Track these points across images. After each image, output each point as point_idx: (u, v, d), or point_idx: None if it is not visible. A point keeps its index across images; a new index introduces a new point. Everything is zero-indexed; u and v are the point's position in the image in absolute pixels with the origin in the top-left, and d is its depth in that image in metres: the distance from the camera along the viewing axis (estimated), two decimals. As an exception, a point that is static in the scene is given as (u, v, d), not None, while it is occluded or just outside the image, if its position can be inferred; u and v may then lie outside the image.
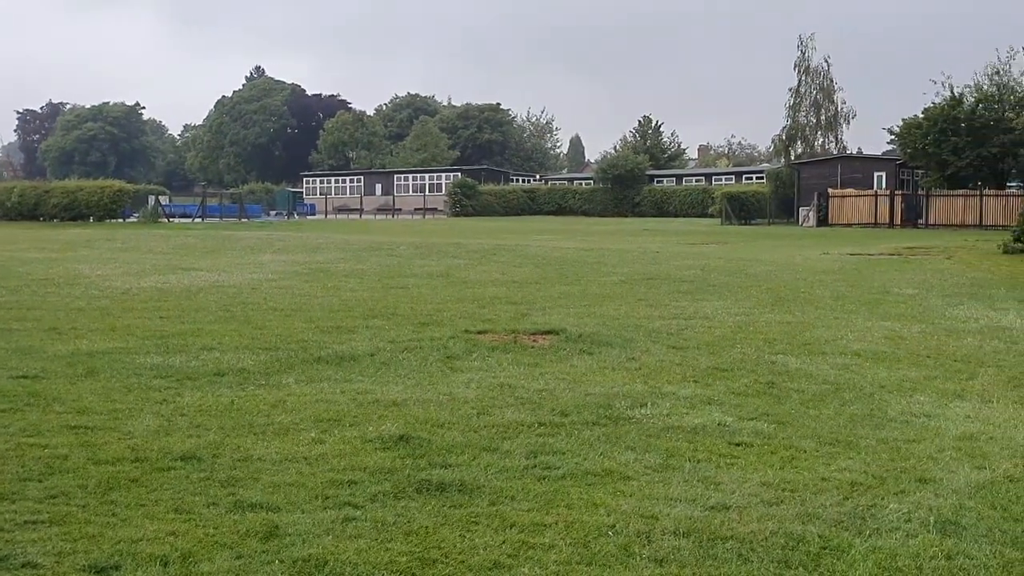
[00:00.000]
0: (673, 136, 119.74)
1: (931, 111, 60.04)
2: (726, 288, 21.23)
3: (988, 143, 58.65)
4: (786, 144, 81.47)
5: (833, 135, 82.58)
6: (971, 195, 58.07)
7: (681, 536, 6.35)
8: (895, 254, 34.02)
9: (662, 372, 11.69)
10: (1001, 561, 6.03)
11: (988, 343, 14.34)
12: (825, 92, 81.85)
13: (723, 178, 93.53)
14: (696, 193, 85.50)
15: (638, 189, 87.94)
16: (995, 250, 36.16)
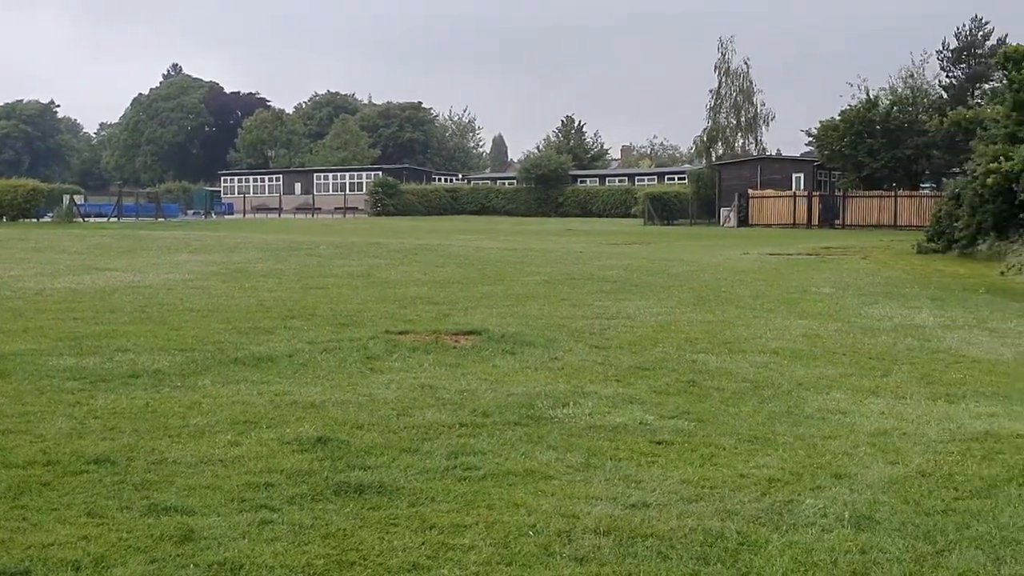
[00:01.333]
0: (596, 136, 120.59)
1: (847, 113, 61.17)
2: (648, 288, 21.38)
3: (902, 145, 59.92)
4: (707, 145, 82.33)
5: (753, 136, 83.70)
6: (886, 196, 59.22)
7: (602, 535, 6.36)
8: (813, 254, 34.57)
9: (584, 372, 11.73)
10: (913, 555, 6.13)
11: (902, 341, 14.62)
12: (745, 94, 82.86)
13: (646, 178, 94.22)
14: (619, 193, 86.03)
15: (561, 189, 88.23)
16: (909, 250, 36.96)
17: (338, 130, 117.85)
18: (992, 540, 6.38)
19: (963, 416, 9.86)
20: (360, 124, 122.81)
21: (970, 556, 6.11)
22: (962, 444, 8.75)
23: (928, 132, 56.23)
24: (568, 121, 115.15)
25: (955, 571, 5.90)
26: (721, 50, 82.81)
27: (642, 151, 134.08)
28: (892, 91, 63.74)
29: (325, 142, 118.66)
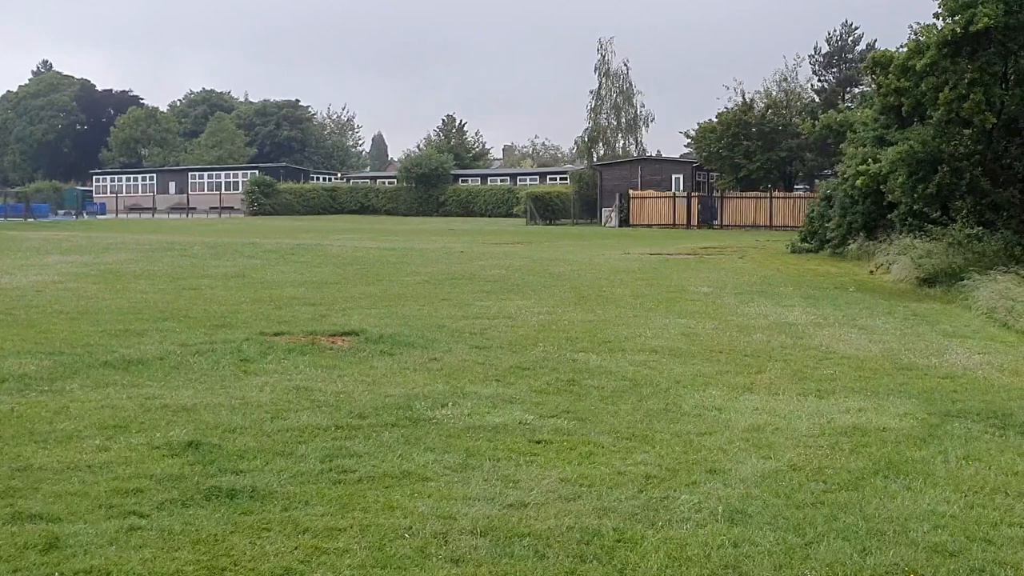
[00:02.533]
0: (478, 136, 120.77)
1: (724, 116, 62.27)
2: (530, 287, 21.45)
3: (777, 147, 61.27)
4: (588, 146, 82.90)
5: (633, 137, 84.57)
6: (762, 197, 60.44)
7: (479, 535, 6.34)
8: (692, 254, 35.11)
9: (464, 372, 11.68)
10: (784, 547, 6.24)
11: (776, 338, 14.91)
12: (625, 95, 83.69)
13: (528, 178, 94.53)
14: (501, 193, 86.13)
15: (443, 188, 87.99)
16: (784, 250, 37.79)
17: (214, 128, 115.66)
18: (858, 531, 6.53)
19: (833, 411, 10.08)
20: (236, 122, 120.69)
21: (837, 547, 6.24)
22: (831, 438, 8.95)
23: (801, 135, 57.53)
24: (449, 120, 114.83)
25: (823, 562, 6.01)
26: (601, 51, 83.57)
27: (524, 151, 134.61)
28: (767, 94, 65.20)
29: (200, 140, 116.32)
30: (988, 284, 19.83)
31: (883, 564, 6.01)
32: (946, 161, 21.98)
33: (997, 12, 20.42)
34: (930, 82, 21.64)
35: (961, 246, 26.36)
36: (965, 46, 21.24)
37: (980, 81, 20.99)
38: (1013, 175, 23.05)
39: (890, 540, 6.39)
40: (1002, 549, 6.29)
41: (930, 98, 21.82)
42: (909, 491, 7.43)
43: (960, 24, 20.89)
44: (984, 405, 10.51)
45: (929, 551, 6.22)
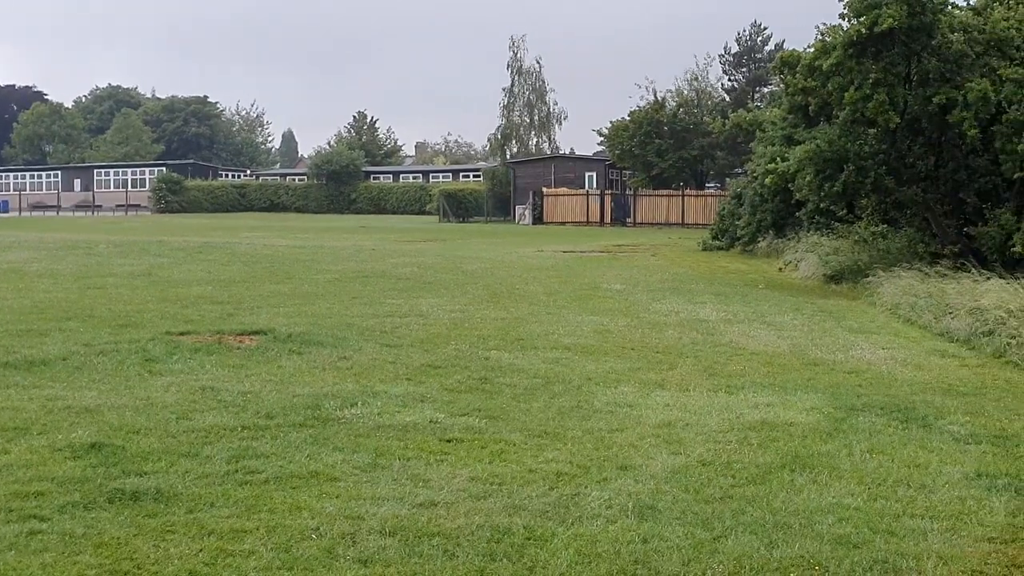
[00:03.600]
0: (390, 133, 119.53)
1: (636, 114, 62.70)
2: (442, 285, 21.36)
3: (688, 146, 61.87)
4: (501, 143, 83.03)
5: (546, 135, 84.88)
6: (674, 195, 60.98)
7: (387, 535, 6.29)
8: (605, 251, 35.29)
9: (374, 371, 11.58)
10: (692, 542, 6.28)
11: (687, 335, 15.04)
12: (538, 93, 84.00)
13: (441, 176, 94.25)
14: (414, 190, 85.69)
15: (354, 186, 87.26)
16: (695, 247, 38.21)
17: (120, 125, 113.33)
18: (765, 525, 6.60)
19: (742, 406, 10.20)
20: (143, 119, 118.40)
21: (745, 541, 6.30)
22: (740, 433, 9.05)
23: (712, 133, 58.22)
24: (360, 117, 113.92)
25: (731, 556, 6.06)
26: (513, 49, 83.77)
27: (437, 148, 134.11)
28: (678, 93, 65.86)
29: (106, 137, 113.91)
30: (892, 281, 20.24)
31: (789, 557, 6.07)
32: (851, 160, 22.34)
33: (901, 14, 20.82)
34: (836, 82, 21.97)
35: (866, 243, 26.90)
36: (870, 47, 21.63)
37: (884, 81, 21.38)
38: (916, 174, 23.53)
39: (796, 533, 6.46)
40: (904, 540, 6.40)
41: (836, 98, 22.16)
42: (815, 484, 7.53)
43: (865, 25, 21.26)
44: (888, 399, 10.71)
45: (833, 543, 6.31)
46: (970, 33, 21.99)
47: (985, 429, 9.46)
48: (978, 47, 21.95)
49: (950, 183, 23.20)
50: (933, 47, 21.71)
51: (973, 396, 11.08)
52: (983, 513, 6.96)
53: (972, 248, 22.04)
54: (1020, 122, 20.10)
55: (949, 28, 21.88)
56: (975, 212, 23.17)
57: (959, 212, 23.68)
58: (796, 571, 5.89)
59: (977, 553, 6.23)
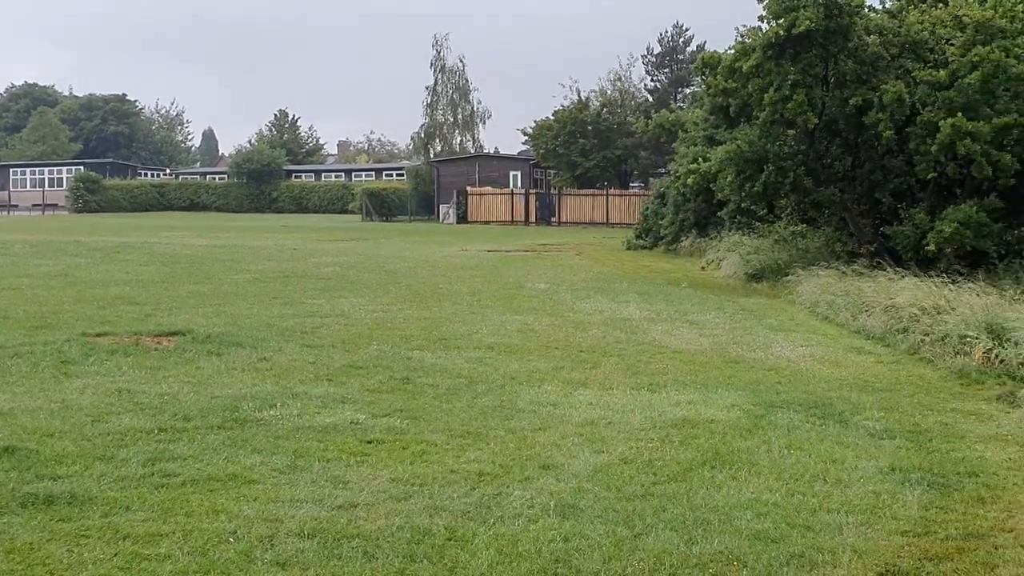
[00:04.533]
0: (312, 131, 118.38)
1: (560, 114, 62.98)
2: (365, 285, 21.22)
3: (612, 145, 62.31)
4: (425, 142, 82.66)
5: (471, 134, 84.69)
6: (599, 195, 61.32)
7: (306, 538, 6.22)
8: (529, 251, 35.36)
9: (294, 371, 11.45)
10: (613, 539, 6.30)
11: (611, 334, 15.10)
12: (461, 91, 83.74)
13: (364, 174, 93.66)
14: (336, 189, 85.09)
15: (276, 184, 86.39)
16: (620, 246, 38.46)
17: (36, 123, 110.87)
18: (686, 521, 6.64)
19: (664, 404, 10.26)
20: (60, 117, 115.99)
21: (665, 538, 6.33)
22: (662, 431, 9.10)
23: (635, 133, 58.67)
24: (282, 115, 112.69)
25: (651, 553, 6.09)
26: (436, 47, 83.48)
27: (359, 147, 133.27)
28: (602, 93, 66.26)
29: (22, 136, 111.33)
30: (811, 279, 20.53)
31: (708, 552, 6.12)
32: (771, 160, 22.61)
33: (818, 16, 21.12)
34: (756, 83, 22.21)
35: (786, 243, 27.28)
36: (788, 48, 21.90)
37: (803, 83, 21.66)
38: (833, 174, 23.88)
39: (715, 529, 6.51)
40: (820, 535, 6.48)
41: (756, 99, 22.40)
42: (734, 480, 7.61)
43: (783, 27, 21.53)
44: (806, 396, 10.86)
45: (752, 538, 6.37)
46: (885, 36, 22.37)
47: (899, 424, 9.63)
48: (893, 49, 22.34)
49: (867, 183, 23.58)
50: (850, 49, 22.05)
51: (888, 392, 11.27)
52: (897, 507, 7.08)
53: (888, 247, 22.42)
54: (933, 123, 20.49)
55: (865, 31, 22.24)
56: (890, 212, 23.59)
57: (875, 212, 24.08)
58: (715, 567, 5.93)
59: (891, 546, 6.33)
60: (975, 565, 6.07)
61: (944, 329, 13.96)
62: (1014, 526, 6.74)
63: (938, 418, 10.01)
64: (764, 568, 5.93)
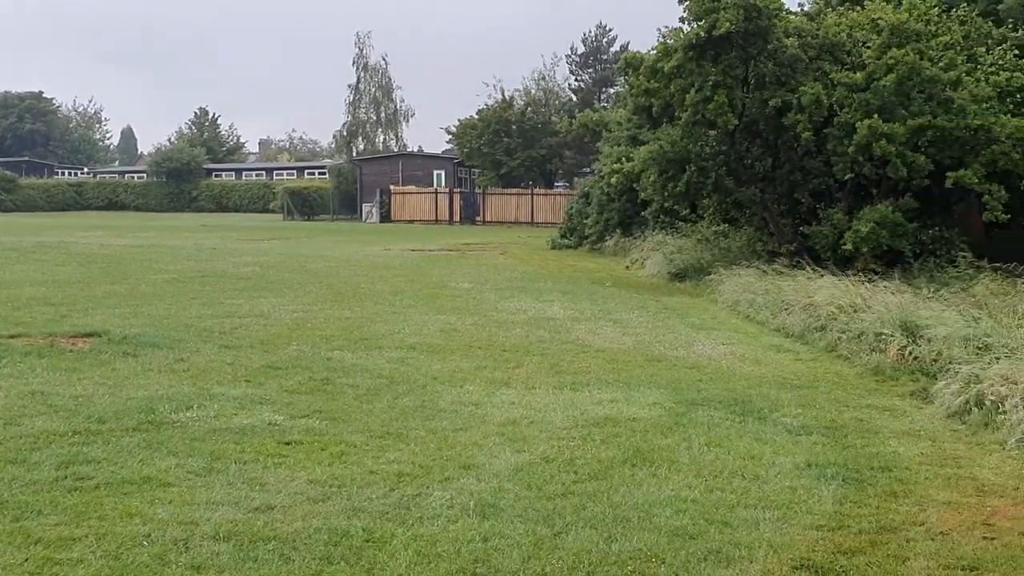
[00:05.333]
0: (232, 129, 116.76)
1: (485, 113, 62.97)
2: (285, 285, 21.00)
3: (537, 145, 62.42)
4: (347, 140, 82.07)
5: (394, 132, 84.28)
6: (523, 194, 61.39)
7: (222, 540, 6.14)
8: (453, 250, 35.28)
9: (212, 372, 11.29)
10: (533, 539, 6.29)
11: (534, 333, 15.11)
12: (384, 90, 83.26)
13: (285, 173, 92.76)
14: (257, 188, 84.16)
15: (196, 183, 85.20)
16: (544, 246, 38.53)
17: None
18: (605, 519, 6.66)
19: (586, 403, 10.29)
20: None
21: (585, 536, 6.35)
22: (584, 429, 9.12)
23: (560, 133, 58.88)
24: (202, 113, 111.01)
25: (571, 551, 6.09)
26: (359, 45, 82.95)
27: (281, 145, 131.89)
28: (526, 92, 66.38)
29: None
30: (732, 278, 20.75)
31: (627, 550, 6.14)
32: (693, 161, 22.82)
33: (737, 18, 21.35)
34: (678, 84, 22.38)
35: (709, 242, 27.55)
36: (709, 50, 22.11)
37: (723, 84, 21.87)
38: (754, 175, 24.18)
39: (635, 526, 6.54)
40: (738, 530, 6.54)
41: (678, 99, 22.57)
42: (655, 478, 7.65)
43: (704, 29, 21.73)
44: (726, 393, 10.97)
45: (671, 535, 6.41)
46: (804, 38, 22.69)
47: (816, 421, 9.77)
48: (811, 52, 22.67)
49: (786, 184, 23.91)
50: (769, 51, 22.33)
51: (806, 389, 11.43)
52: (812, 502, 7.18)
53: (807, 246, 22.73)
54: (850, 125, 20.82)
55: (784, 33, 22.53)
56: (810, 212, 23.92)
57: (795, 212, 24.41)
58: (633, 564, 5.95)
59: (806, 540, 6.41)
60: (887, 558, 6.17)
61: (860, 327, 14.18)
62: (925, 520, 6.88)
63: (854, 414, 10.17)
64: (682, 564, 5.96)
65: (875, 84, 20.98)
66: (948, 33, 22.55)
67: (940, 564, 6.09)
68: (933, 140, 20.87)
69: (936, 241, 21.49)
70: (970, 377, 10.31)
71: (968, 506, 7.21)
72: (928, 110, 20.64)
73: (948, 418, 9.93)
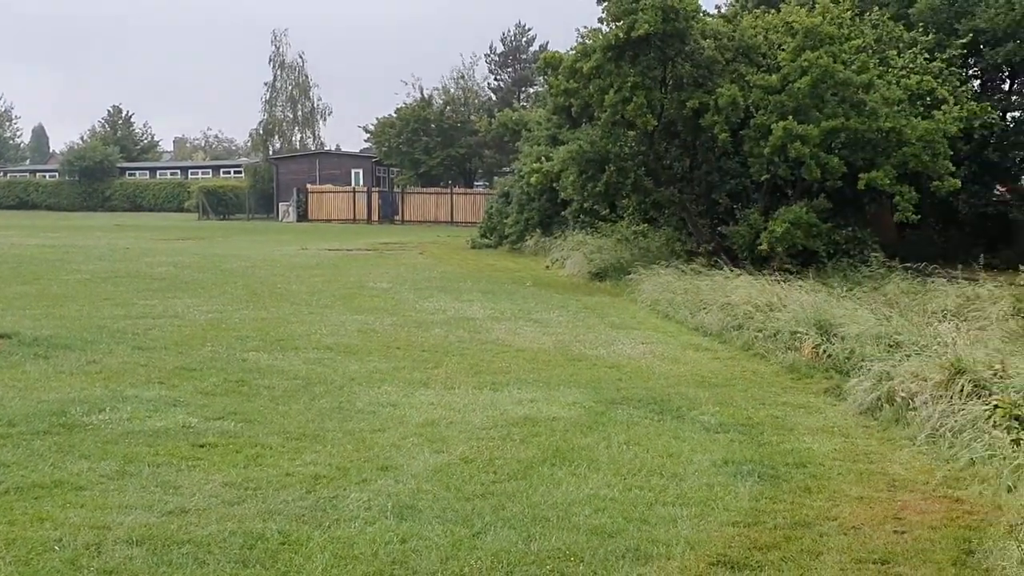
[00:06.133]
0: (146, 127, 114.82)
1: (403, 111, 62.75)
2: (200, 285, 20.70)
3: (456, 144, 62.37)
4: (264, 139, 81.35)
5: (311, 131, 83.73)
6: (443, 193, 61.32)
7: (135, 544, 6.03)
8: (372, 249, 35.09)
9: (125, 374, 11.07)
10: (451, 539, 6.26)
11: (454, 333, 15.06)
12: (301, 88, 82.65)
13: (200, 172, 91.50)
14: (172, 187, 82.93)
15: (109, 183, 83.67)
16: (464, 245, 38.49)
17: None
18: (524, 519, 6.66)
19: (506, 403, 10.28)
20: None
21: (504, 536, 6.33)
22: (503, 429, 9.11)
23: (479, 132, 58.94)
24: (115, 111, 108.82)
25: (489, 552, 6.08)
26: (275, 43, 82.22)
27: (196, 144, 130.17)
28: (445, 91, 66.29)
29: None
30: (652, 278, 20.91)
31: (546, 549, 6.14)
32: (613, 161, 22.96)
33: (655, 19, 21.51)
34: (597, 84, 22.50)
35: (629, 242, 27.75)
36: (628, 51, 22.25)
37: (642, 85, 22.03)
38: (673, 175, 24.41)
39: (554, 525, 6.54)
40: (655, 528, 6.58)
41: (597, 100, 22.69)
42: (574, 477, 7.66)
43: (622, 30, 21.86)
44: (645, 392, 11.03)
45: (589, 533, 6.42)
46: (720, 40, 22.95)
47: (733, 418, 9.87)
48: (728, 54, 22.94)
49: (704, 184, 24.17)
50: (687, 52, 22.54)
51: (723, 387, 11.55)
52: (729, 498, 7.25)
53: (725, 246, 23.02)
54: (766, 126, 21.12)
55: (701, 35, 22.76)
56: (727, 212, 24.24)
57: (713, 212, 24.70)
58: (552, 563, 5.95)
59: (722, 537, 6.47)
60: (801, 553, 6.25)
61: (776, 326, 14.38)
62: (838, 514, 6.98)
63: (770, 411, 10.30)
64: (600, 563, 5.98)
65: (790, 86, 21.31)
66: (861, 36, 22.96)
67: (852, 558, 6.19)
68: (846, 142, 21.27)
69: (849, 241, 21.90)
70: (881, 374, 10.50)
71: (879, 501, 7.33)
72: (841, 112, 21.01)
73: (860, 414, 10.11)
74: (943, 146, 21.33)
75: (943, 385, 9.49)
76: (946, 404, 9.12)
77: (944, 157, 21.29)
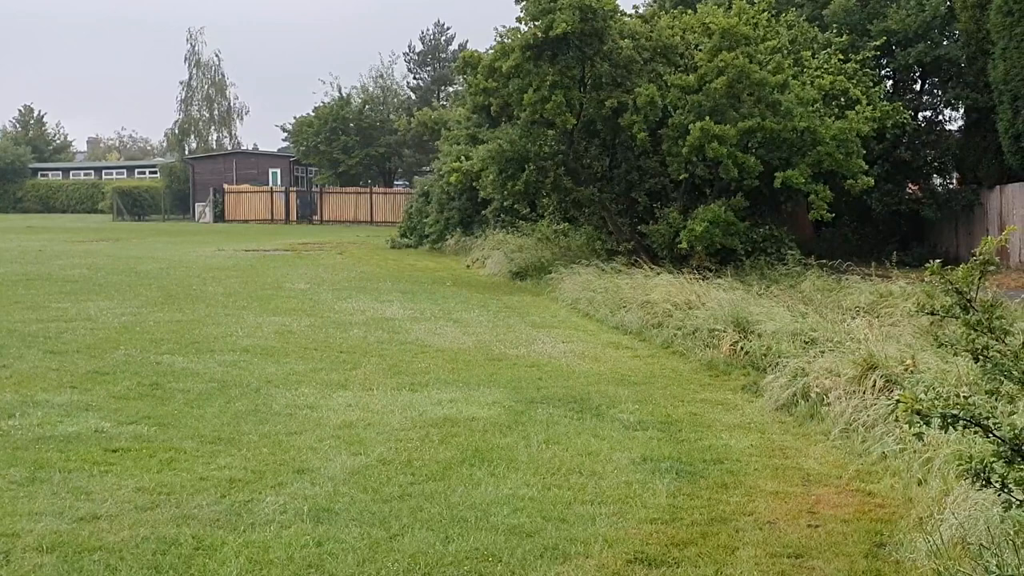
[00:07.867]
0: (59, 128, 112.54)
1: (321, 110, 62.18)
2: (113, 287, 20.31)
3: (375, 143, 61.99)
4: (179, 138, 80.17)
5: (227, 130, 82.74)
6: (362, 192, 60.97)
7: (45, 552, 5.90)
8: (290, 250, 34.74)
9: (35, 379, 10.83)
10: (368, 542, 6.21)
11: (373, 334, 14.96)
12: (217, 87, 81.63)
13: (115, 172, 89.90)
14: (86, 188, 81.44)
15: (20, 184, 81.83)
16: (384, 245, 38.27)
17: None
18: (443, 520, 6.62)
19: (425, 403, 10.23)
20: None
21: (422, 537, 6.29)
22: (422, 430, 9.06)
23: (399, 131, 58.67)
24: (26, 111, 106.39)
25: (407, 553, 6.04)
26: (191, 41, 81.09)
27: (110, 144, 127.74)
28: (364, 90, 65.82)
29: None
30: (572, 277, 20.99)
31: (464, 550, 6.11)
32: (532, 160, 23.00)
33: (573, 19, 21.58)
34: (516, 83, 22.51)
35: (549, 241, 27.84)
36: (546, 50, 22.31)
37: (561, 84, 22.10)
38: (592, 174, 24.52)
39: (472, 526, 6.52)
40: (574, 527, 6.58)
41: (516, 99, 22.69)
42: (493, 477, 7.64)
43: (541, 29, 21.91)
44: (565, 391, 11.06)
45: (507, 533, 6.41)
46: (638, 40, 23.09)
47: (652, 416, 9.93)
48: (646, 53, 23.09)
49: (624, 183, 24.30)
50: (605, 52, 22.63)
51: (643, 385, 11.62)
52: (647, 496, 7.28)
53: (644, 245, 23.18)
54: (684, 126, 21.30)
55: (619, 34, 22.87)
56: (647, 211, 24.38)
57: (633, 211, 24.83)
58: (470, 564, 5.93)
59: (640, 534, 6.50)
60: (717, 548, 6.30)
61: (695, 323, 14.52)
62: (754, 510, 7.06)
63: (688, 408, 10.38)
64: (518, 562, 5.96)
65: (707, 86, 21.53)
66: (776, 37, 23.30)
67: (767, 552, 6.25)
68: (762, 141, 21.55)
69: (767, 239, 22.18)
70: (797, 371, 10.64)
71: (794, 495, 7.43)
72: (757, 112, 21.28)
73: (777, 410, 10.23)
74: (856, 145, 21.75)
75: (856, 381, 9.66)
76: (859, 399, 9.27)
77: (857, 156, 21.70)
